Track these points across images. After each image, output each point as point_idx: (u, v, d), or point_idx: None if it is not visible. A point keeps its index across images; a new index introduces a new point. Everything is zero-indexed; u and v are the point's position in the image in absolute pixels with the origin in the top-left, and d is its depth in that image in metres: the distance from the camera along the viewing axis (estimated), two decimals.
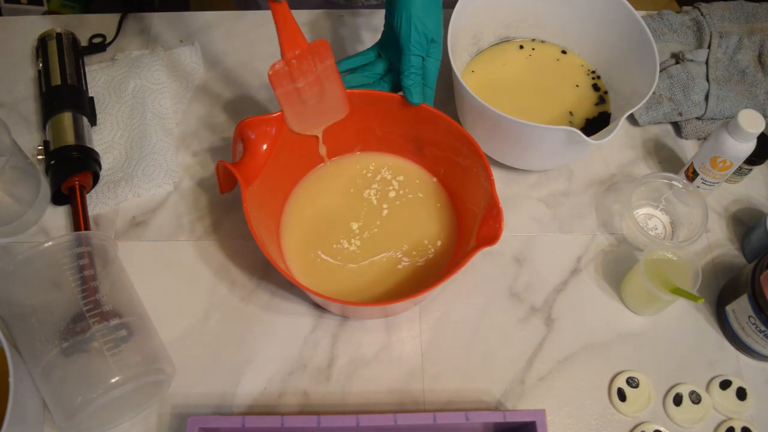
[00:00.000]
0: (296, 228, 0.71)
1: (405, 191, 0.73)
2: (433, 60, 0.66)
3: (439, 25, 0.66)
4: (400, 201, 0.73)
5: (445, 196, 0.73)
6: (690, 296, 0.63)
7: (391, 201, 0.73)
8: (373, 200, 0.72)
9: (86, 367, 0.57)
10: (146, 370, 0.59)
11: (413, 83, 0.65)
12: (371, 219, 0.71)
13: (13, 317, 0.61)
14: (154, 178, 0.76)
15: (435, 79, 0.67)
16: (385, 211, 0.72)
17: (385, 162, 0.75)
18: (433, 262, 0.69)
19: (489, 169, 0.62)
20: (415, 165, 0.75)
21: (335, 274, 0.69)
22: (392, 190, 0.73)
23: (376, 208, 0.72)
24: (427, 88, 0.67)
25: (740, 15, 0.87)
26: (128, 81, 0.82)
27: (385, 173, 0.74)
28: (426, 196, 0.73)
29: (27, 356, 0.59)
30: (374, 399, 0.65)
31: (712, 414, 0.65)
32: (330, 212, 0.72)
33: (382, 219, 0.72)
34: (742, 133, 0.65)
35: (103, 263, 0.64)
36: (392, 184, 0.74)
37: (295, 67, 0.63)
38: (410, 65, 0.65)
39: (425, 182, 0.74)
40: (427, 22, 0.64)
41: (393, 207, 0.72)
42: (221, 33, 0.88)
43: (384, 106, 0.68)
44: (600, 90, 0.80)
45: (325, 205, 0.72)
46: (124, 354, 0.58)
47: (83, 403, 0.55)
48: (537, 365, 0.67)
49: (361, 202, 0.72)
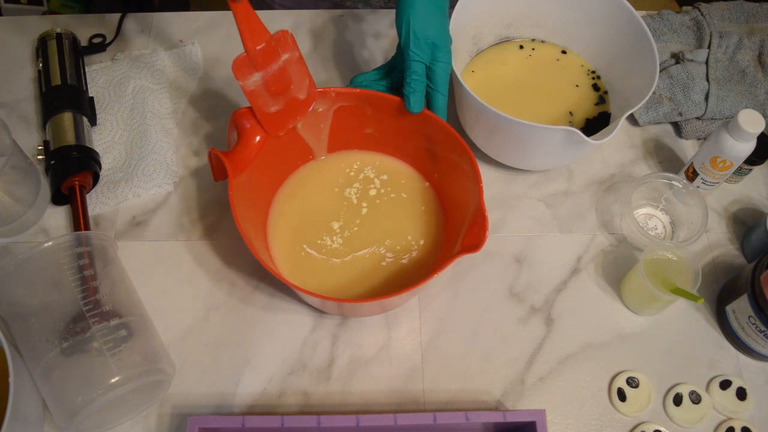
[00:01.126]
0: (282, 223, 0.71)
1: (387, 190, 0.73)
2: (441, 65, 0.65)
3: (443, 30, 0.65)
4: (381, 200, 0.73)
5: (434, 198, 0.73)
6: (690, 296, 0.63)
7: (371, 199, 0.73)
8: (354, 199, 0.73)
9: (86, 367, 0.57)
10: (146, 370, 0.59)
11: (412, 91, 0.64)
12: (351, 218, 0.72)
13: (13, 317, 0.61)
14: (154, 178, 0.76)
15: (445, 84, 0.66)
16: (365, 209, 0.72)
17: (372, 161, 0.75)
18: (417, 262, 0.70)
19: (479, 177, 0.62)
20: (409, 167, 0.75)
21: (320, 270, 0.69)
22: (373, 188, 0.73)
23: (356, 207, 0.72)
24: (438, 93, 0.66)
25: (740, 15, 0.87)
26: (128, 81, 0.82)
27: (369, 172, 0.74)
28: (410, 197, 0.73)
29: (27, 356, 0.59)
30: (374, 399, 0.65)
31: (712, 414, 0.65)
32: (312, 209, 0.72)
33: (362, 217, 0.72)
34: (742, 133, 0.65)
35: (103, 263, 0.64)
36: (374, 183, 0.74)
37: (259, 59, 0.62)
38: (411, 71, 0.64)
39: (413, 184, 0.74)
40: (428, 26, 0.63)
41: (373, 205, 0.72)
42: (221, 33, 0.88)
43: (381, 108, 0.69)
44: (600, 90, 0.80)
45: (308, 201, 0.73)
46: (124, 354, 0.58)
47: (83, 403, 0.55)
48: (537, 365, 0.67)
49: (341, 201, 0.73)
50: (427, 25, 0.63)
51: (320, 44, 0.87)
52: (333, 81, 0.85)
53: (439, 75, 0.65)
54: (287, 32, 0.63)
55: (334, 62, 0.86)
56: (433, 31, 0.63)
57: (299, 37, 0.88)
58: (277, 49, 0.63)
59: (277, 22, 0.89)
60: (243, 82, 0.63)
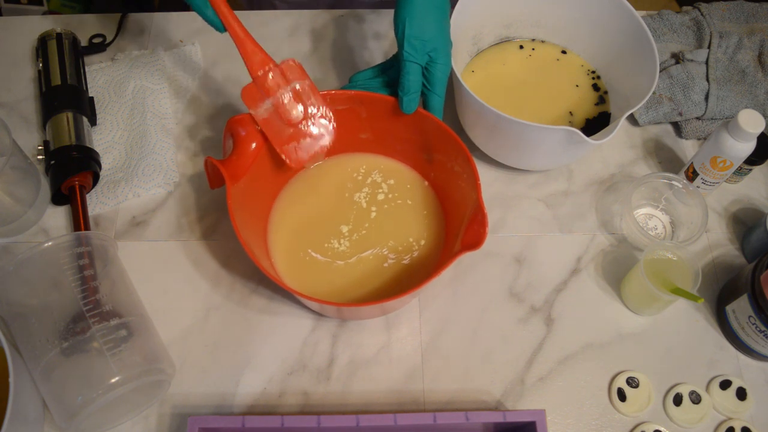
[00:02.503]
0: (284, 228, 0.71)
1: (394, 195, 0.73)
2: (438, 66, 0.64)
3: (441, 32, 0.64)
4: (389, 205, 0.73)
5: (434, 198, 0.73)
6: (690, 296, 0.63)
7: (380, 204, 0.73)
8: (363, 203, 0.73)
9: (86, 367, 0.57)
10: (146, 370, 0.59)
11: (405, 92, 0.63)
12: (361, 221, 0.72)
13: (13, 317, 0.61)
14: (154, 178, 0.76)
15: (443, 85, 0.65)
16: (374, 213, 0.72)
17: (377, 164, 0.75)
18: (418, 262, 0.70)
19: (476, 174, 0.62)
20: (407, 167, 0.75)
21: (323, 273, 0.69)
22: (381, 192, 0.73)
23: (365, 211, 0.72)
24: (434, 95, 0.65)
25: (740, 15, 0.87)
26: (128, 81, 0.82)
27: (376, 176, 0.74)
28: (414, 200, 0.73)
29: (27, 356, 0.59)
30: (374, 399, 0.65)
31: (712, 414, 0.65)
32: (320, 213, 0.72)
33: (371, 221, 0.72)
34: (742, 133, 0.65)
35: (103, 263, 0.64)
36: (382, 188, 0.74)
37: (267, 85, 0.62)
38: (404, 72, 0.63)
39: (415, 185, 0.74)
40: (425, 27, 0.62)
41: (381, 210, 0.72)
42: (221, 33, 0.88)
43: (377, 108, 0.68)
44: (600, 90, 0.80)
45: (315, 205, 0.73)
46: (124, 354, 0.58)
47: (83, 403, 0.55)
48: (537, 365, 0.67)
49: (351, 206, 0.73)
50: (424, 27, 0.62)
51: (320, 44, 0.87)
52: (333, 81, 0.85)
53: (436, 77, 0.64)
54: (293, 61, 0.63)
55: (334, 62, 0.86)
56: (431, 32, 0.63)
57: (299, 37, 0.88)
58: (285, 77, 0.63)
59: (277, 22, 0.89)
60: (254, 110, 0.63)
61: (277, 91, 0.63)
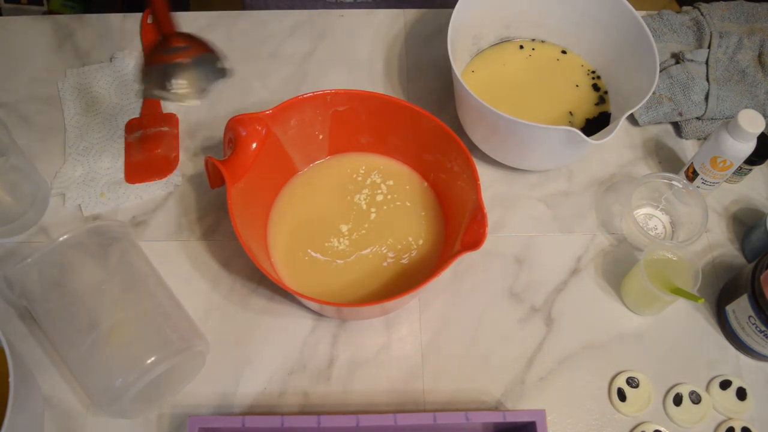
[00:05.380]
0: (284, 228, 0.71)
1: (393, 197, 0.73)
2: None
3: None
4: (388, 206, 0.73)
5: (433, 199, 0.73)
6: (690, 296, 0.63)
7: (379, 205, 0.73)
8: (363, 205, 0.73)
9: (123, 350, 0.59)
10: (182, 347, 0.60)
11: None
12: (360, 221, 0.72)
13: (44, 310, 0.62)
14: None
15: None
16: (373, 214, 0.72)
17: (377, 164, 0.75)
18: (418, 262, 0.70)
19: (476, 174, 0.62)
20: (407, 168, 0.75)
21: (322, 273, 0.69)
22: (380, 193, 0.73)
23: (365, 212, 0.72)
24: None
25: (740, 15, 0.87)
26: (128, 81, 0.81)
27: (376, 177, 0.74)
28: (413, 200, 0.73)
29: (62, 346, 0.60)
30: (374, 399, 0.65)
31: (712, 414, 0.65)
32: (320, 213, 0.72)
33: (370, 222, 0.72)
34: (742, 133, 0.65)
35: (125, 250, 0.65)
36: (381, 188, 0.74)
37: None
38: None
39: (415, 186, 0.74)
40: None
41: (381, 211, 0.72)
42: (221, 33, 0.88)
43: (379, 109, 0.68)
44: (600, 90, 0.80)
45: (315, 205, 0.73)
46: (159, 334, 0.60)
47: (123, 385, 0.56)
48: (537, 365, 0.67)
49: (351, 206, 0.73)
50: None
51: (320, 44, 0.87)
52: (333, 81, 0.85)
53: None
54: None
55: (334, 62, 0.86)
56: None
57: (299, 37, 0.88)
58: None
59: (276, 22, 0.89)
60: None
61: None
